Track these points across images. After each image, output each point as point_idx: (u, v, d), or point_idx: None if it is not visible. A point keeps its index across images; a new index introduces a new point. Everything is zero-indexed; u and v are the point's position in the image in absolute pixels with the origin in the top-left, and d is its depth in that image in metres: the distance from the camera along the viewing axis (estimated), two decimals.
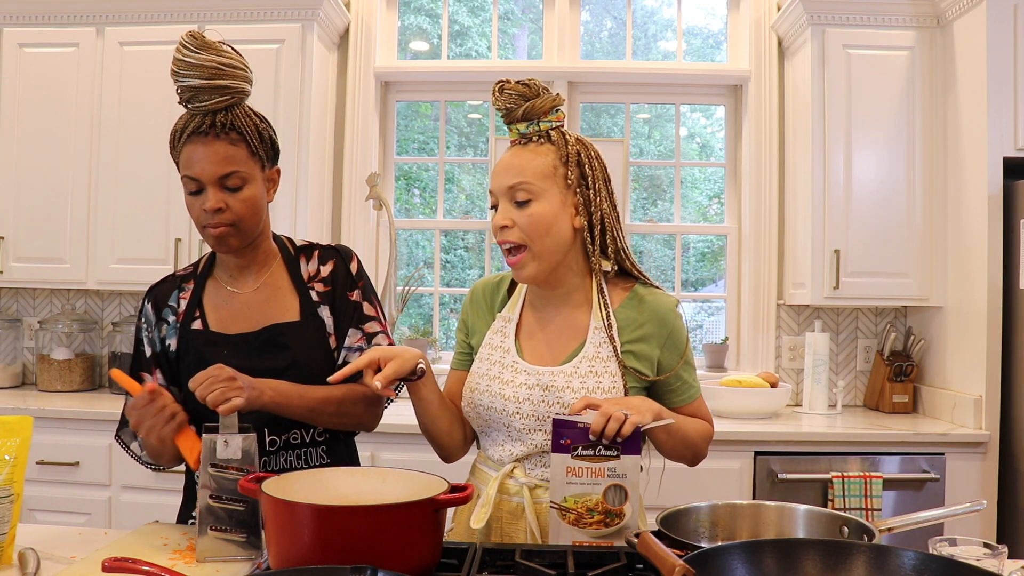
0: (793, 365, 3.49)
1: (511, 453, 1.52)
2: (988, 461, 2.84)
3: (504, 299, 1.63)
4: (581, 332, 1.53)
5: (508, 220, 1.48)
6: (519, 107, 1.50)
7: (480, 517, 1.45)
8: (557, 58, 3.60)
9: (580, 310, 1.55)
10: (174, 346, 1.60)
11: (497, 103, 1.53)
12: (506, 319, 1.60)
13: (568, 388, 1.47)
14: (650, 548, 1.08)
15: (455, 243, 4.98)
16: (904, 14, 3.14)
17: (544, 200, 1.48)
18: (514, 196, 1.48)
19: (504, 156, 1.53)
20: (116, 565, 1.07)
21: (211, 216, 1.49)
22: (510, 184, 1.48)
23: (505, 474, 1.50)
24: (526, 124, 1.52)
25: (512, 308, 1.60)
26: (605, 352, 1.50)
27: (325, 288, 1.63)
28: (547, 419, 1.46)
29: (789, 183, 3.44)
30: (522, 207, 1.47)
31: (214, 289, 1.63)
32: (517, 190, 1.47)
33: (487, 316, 1.63)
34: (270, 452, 1.57)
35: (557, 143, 1.51)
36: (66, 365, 3.42)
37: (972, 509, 1.37)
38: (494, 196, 1.52)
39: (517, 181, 1.47)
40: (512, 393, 1.50)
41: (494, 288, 1.66)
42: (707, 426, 1.59)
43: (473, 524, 1.46)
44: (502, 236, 1.49)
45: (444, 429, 1.58)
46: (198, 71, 1.47)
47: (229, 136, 1.50)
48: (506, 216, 1.48)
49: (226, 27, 3.18)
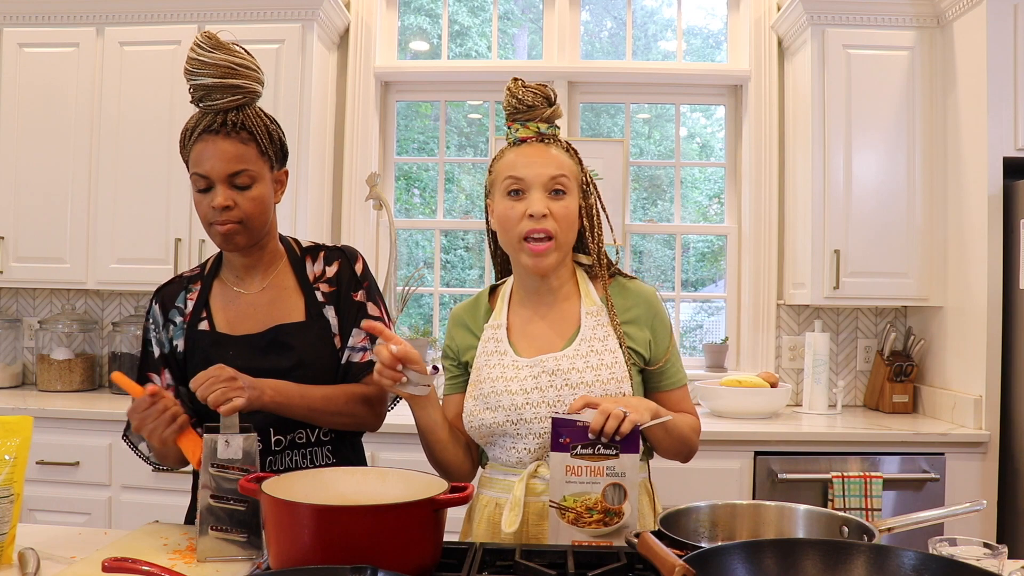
0: (793, 365, 3.49)
1: (527, 451, 1.52)
2: (988, 461, 2.84)
3: (487, 312, 1.64)
4: (574, 320, 1.57)
5: (547, 209, 1.50)
6: (544, 108, 1.56)
7: (512, 520, 1.43)
8: (557, 58, 3.60)
9: (569, 302, 1.60)
10: (181, 347, 1.61)
11: (523, 95, 1.56)
12: (495, 326, 1.60)
13: (574, 369, 1.50)
14: (650, 548, 1.08)
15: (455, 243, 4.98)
16: (904, 14, 3.14)
17: (571, 197, 1.54)
18: (553, 187, 1.51)
19: (528, 148, 1.55)
20: (116, 565, 1.07)
21: (219, 213, 1.50)
22: (552, 175, 1.51)
23: (530, 474, 1.50)
24: (547, 125, 1.57)
25: (498, 315, 1.61)
26: (602, 332, 1.54)
27: (330, 289, 1.63)
28: (558, 403, 1.48)
29: (789, 183, 3.44)
30: (558, 198, 1.51)
31: (220, 290, 1.64)
32: (557, 182, 1.52)
33: (473, 334, 1.63)
34: (276, 452, 1.57)
35: (569, 150, 1.58)
36: (66, 365, 3.42)
37: (972, 509, 1.37)
38: (523, 183, 1.52)
39: (558, 173, 1.52)
40: (519, 386, 1.51)
41: (472, 306, 1.67)
42: (695, 419, 1.63)
43: (506, 528, 1.43)
44: (540, 224, 1.49)
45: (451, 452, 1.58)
46: (211, 70, 1.49)
47: (240, 135, 1.51)
48: (545, 205, 1.50)
49: (226, 27, 3.16)
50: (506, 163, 1.55)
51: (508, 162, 1.55)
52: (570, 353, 1.52)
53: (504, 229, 1.54)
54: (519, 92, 1.56)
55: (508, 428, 1.52)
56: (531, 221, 1.49)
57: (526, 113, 1.56)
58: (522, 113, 1.56)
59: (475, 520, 1.60)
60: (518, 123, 1.57)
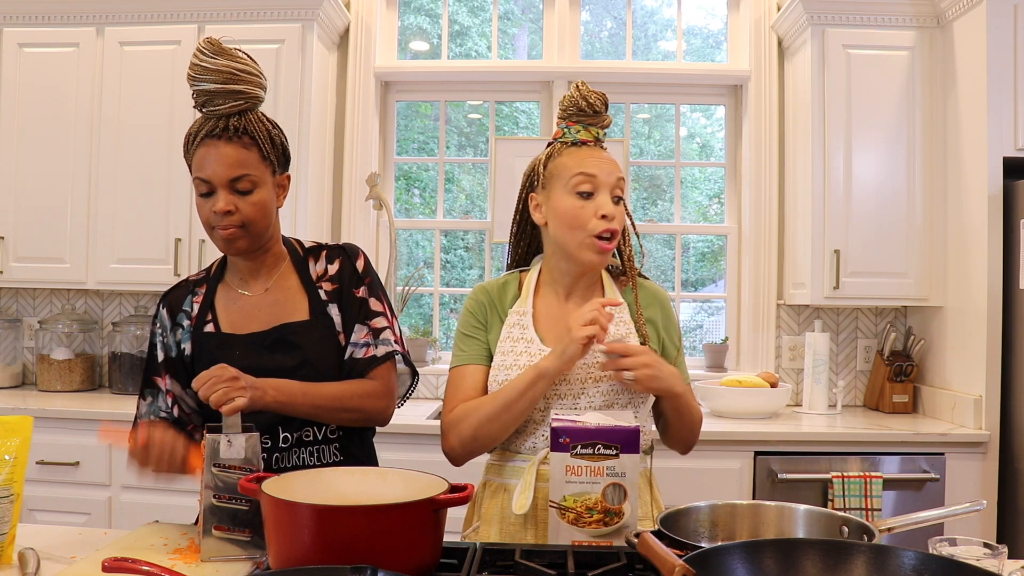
0: (793, 365, 3.49)
1: (544, 437, 1.54)
2: (988, 461, 2.84)
3: (514, 297, 1.67)
4: None
5: (613, 212, 1.57)
6: (607, 115, 1.63)
7: (522, 503, 1.47)
8: (557, 58, 3.60)
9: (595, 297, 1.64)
10: (189, 350, 1.62)
11: (593, 99, 1.60)
12: (520, 313, 1.63)
13: (598, 363, 1.54)
14: (650, 548, 1.08)
15: (455, 243, 4.98)
16: (904, 14, 3.14)
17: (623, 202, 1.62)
18: (615, 191, 1.59)
19: (591, 151, 1.60)
20: (116, 565, 1.07)
21: (220, 218, 1.52)
22: (619, 176, 1.59)
23: (541, 460, 1.52)
24: (604, 132, 1.64)
25: (524, 302, 1.64)
26: (624, 329, 1.60)
27: (332, 287, 1.65)
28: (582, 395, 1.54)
29: (789, 183, 3.44)
30: (617, 203, 1.59)
31: (225, 292, 1.66)
32: (618, 187, 1.59)
33: (500, 314, 1.65)
34: (283, 449, 1.58)
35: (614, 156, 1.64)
36: (66, 365, 3.42)
37: (972, 509, 1.37)
38: (594, 184, 1.57)
39: (620, 177, 1.60)
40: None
41: (501, 288, 1.69)
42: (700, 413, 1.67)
43: (517, 510, 1.47)
44: (611, 225, 1.56)
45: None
46: (213, 75, 1.51)
47: (241, 140, 1.53)
48: (612, 209, 1.57)
49: (226, 27, 3.19)
50: (574, 161, 1.58)
51: (577, 160, 1.58)
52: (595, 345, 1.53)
53: (571, 226, 1.57)
54: (589, 96, 1.60)
55: (535, 415, 1.55)
56: (604, 221, 1.55)
57: (592, 117, 1.60)
58: (587, 116, 1.60)
59: (482, 505, 1.62)
60: (580, 125, 1.61)
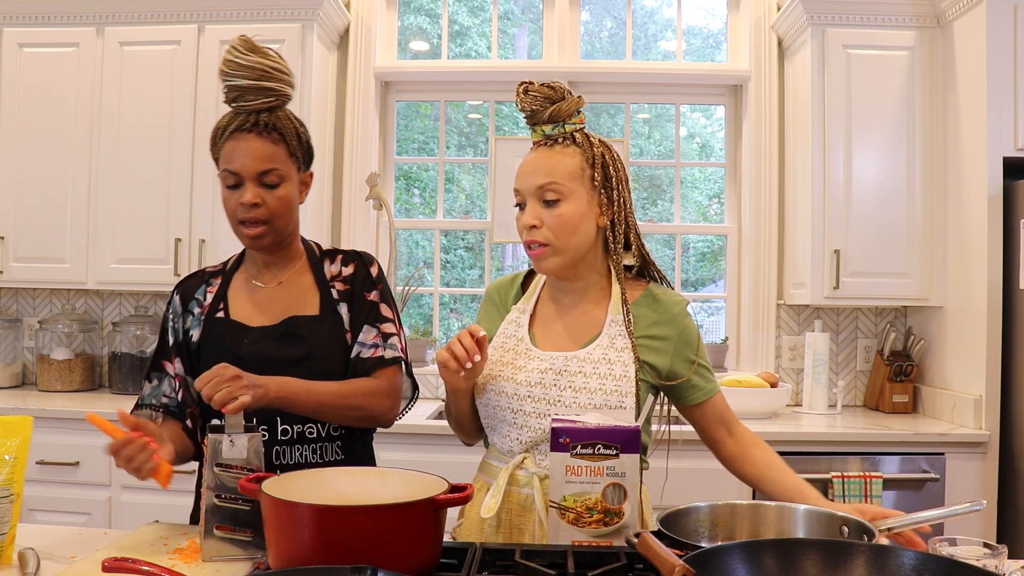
0: (793, 365, 3.49)
1: (519, 441, 1.53)
2: (988, 461, 2.84)
3: (518, 293, 1.67)
4: (597, 324, 1.57)
5: (537, 220, 1.52)
6: (545, 109, 1.54)
7: (491, 507, 1.46)
8: (557, 58, 3.60)
9: (598, 306, 1.59)
10: (197, 336, 1.65)
11: (523, 104, 1.56)
12: (520, 310, 1.63)
13: (580, 373, 1.50)
14: (650, 548, 1.08)
15: (455, 243, 4.98)
16: (904, 14, 3.14)
17: (572, 200, 1.52)
18: (543, 196, 1.52)
19: (530, 156, 1.56)
20: (116, 565, 1.07)
21: (247, 210, 1.56)
22: (540, 184, 1.52)
23: (516, 464, 1.51)
24: (552, 126, 1.55)
25: (527, 300, 1.64)
26: (620, 343, 1.53)
27: (345, 287, 1.67)
28: (558, 403, 1.49)
29: (789, 183, 3.44)
30: (551, 207, 1.51)
31: (240, 283, 1.69)
32: (546, 190, 1.51)
33: (500, 313, 1.66)
34: (283, 443, 1.58)
35: (582, 145, 1.55)
36: (66, 365, 3.42)
37: (972, 509, 1.37)
38: (520, 195, 1.55)
39: (547, 181, 1.51)
40: (524, 378, 1.52)
41: (507, 285, 1.69)
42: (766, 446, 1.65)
43: (483, 513, 1.46)
44: (530, 236, 1.52)
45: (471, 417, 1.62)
46: (246, 72, 1.56)
47: (271, 136, 1.57)
48: (535, 216, 1.52)
49: (226, 27, 3.19)
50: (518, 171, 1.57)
51: (518, 171, 1.57)
52: (582, 356, 1.52)
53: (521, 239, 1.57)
54: (523, 102, 1.57)
55: (507, 416, 1.53)
56: (527, 232, 1.53)
57: (531, 117, 1.57)
58: (529, 118, 1.58)
59: (473, 502, 1.61)
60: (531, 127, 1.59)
